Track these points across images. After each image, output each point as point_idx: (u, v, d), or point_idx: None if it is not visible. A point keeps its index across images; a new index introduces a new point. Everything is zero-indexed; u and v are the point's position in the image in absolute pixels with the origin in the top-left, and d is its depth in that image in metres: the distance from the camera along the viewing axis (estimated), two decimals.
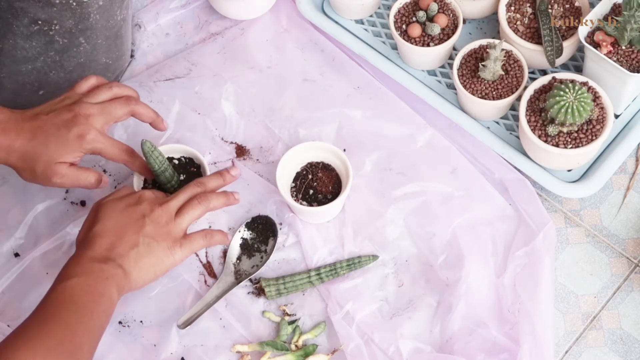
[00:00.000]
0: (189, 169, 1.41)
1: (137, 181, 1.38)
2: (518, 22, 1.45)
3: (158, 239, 1.24)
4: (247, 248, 1.40)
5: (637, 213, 1.44)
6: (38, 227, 1.42)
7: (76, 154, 1.28)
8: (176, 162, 1.41)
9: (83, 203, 1.44)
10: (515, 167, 1.43)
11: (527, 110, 1.39)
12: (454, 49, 1.53)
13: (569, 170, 1.44)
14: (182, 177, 1.40)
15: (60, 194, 1.44)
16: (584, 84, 1.38)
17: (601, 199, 1.45)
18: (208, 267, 1.40)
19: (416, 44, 1.46)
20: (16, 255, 1.40)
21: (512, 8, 1.46)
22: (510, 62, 1.44)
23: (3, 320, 1.36)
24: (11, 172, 1.44)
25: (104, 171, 1.46)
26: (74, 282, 1.16)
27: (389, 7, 1.56)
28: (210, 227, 1.42)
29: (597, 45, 1.39)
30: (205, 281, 1.38)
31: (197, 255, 1.40)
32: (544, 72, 1.49)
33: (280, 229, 1.42)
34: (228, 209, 1.42)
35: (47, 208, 1.43)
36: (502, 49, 1.41)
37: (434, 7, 1.46)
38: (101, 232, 1.22)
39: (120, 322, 1.36)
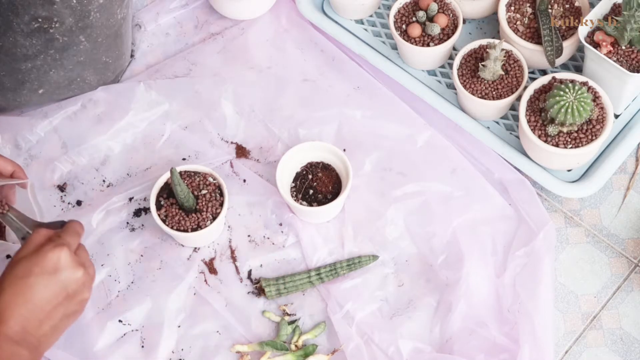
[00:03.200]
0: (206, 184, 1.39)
1: None
2: (518, 22, 1.45)
3: (75, 304, 1.16)
4: None
5: (637, 213, 1.43)
6: None
7: None
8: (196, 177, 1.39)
9: (79, 203, 1.44)
10: (515, 167, 1.43)
11: (527, 110, 1.39)
12: (454, 49, 1.53)
13: (569, 170, 1.44)
14: (203, 192, 1.38)
15: (57, 194, 1.44)
16: (584, 84, 1.38)
17: (601, 199, 1.45)
18: (209, 264, 1.39)
19: (416, 44, 1.46)
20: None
21: (512, 8, 1.46)
22: (510, 62, 1.44)
23: None
24: None
25: (103, 181, 1.46)
26: None
27: (389, 7, 1.56)
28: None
29: (597, 45, 1.39)
30: (206, 280, 1.38)
31: (197, 254, 1.40)
32: (544, 72, 1.49)
33: (282, 231, 1.42)
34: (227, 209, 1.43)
35: (43, 208, 1.42)
36: (502, 49, 1.41)
37: (434, 7, 1.46)
38: (9, 303, 1.11)
39: (120, 321, 1.36)
